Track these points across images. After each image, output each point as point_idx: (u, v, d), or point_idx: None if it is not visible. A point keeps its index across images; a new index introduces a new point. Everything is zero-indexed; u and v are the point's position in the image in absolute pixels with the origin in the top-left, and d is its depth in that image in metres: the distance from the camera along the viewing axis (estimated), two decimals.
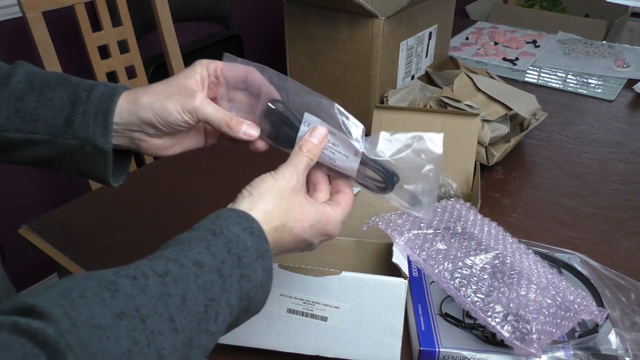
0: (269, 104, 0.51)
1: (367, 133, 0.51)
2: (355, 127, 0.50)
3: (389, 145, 0.50)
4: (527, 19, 2.14)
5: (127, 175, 0.57)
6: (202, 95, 0.51)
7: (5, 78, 0.52)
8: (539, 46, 1.60)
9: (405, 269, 0.57)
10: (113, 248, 0.81)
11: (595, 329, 0.62)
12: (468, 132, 0.91)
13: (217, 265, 0.40)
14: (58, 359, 0.29)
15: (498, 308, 0.56)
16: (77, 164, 0.53)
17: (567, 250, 0.77)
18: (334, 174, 0.52)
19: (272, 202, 0.46)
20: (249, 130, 0.51)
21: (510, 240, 0.69)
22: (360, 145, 0.50)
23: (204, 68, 0.52)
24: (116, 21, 1.24)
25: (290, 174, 0.47)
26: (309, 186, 0.51)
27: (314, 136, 0.49)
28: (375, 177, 0.51)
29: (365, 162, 0.50)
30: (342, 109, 0.50)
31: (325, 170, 0.52)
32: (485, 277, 0.60)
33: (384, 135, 0.50)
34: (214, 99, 0.53)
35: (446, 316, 0.63)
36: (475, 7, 2.38)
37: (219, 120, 0.51)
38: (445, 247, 0.63)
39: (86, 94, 0.52)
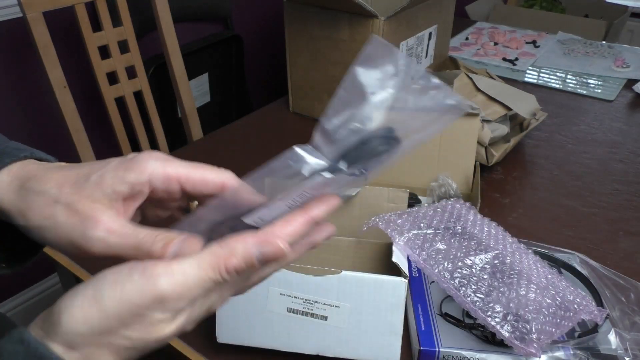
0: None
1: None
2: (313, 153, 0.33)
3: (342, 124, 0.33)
4: (527, 19, 2.14)
5: (33, 257, 0.42)
6: (104, 225, 0.33)
7: None
8: (538, 46, 1.60)
9: (405, 268, 0.57)
10: None
11: (594, 328, 0.62)
12: (468, 132, 0.91)
13: None
14: None
15: (498, 308, 0.56)
16: None
17: (566, 250, 0.77)
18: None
19: (91, 322, 0.30)
20: (184, 248, 0.33)
21: (510, 240, 0.69)
22: (312, 168, 0.32)
23: (142, 173, 0.35)
24: (116, 21, 1.24)
25: (160, 300, 0.30)
26: None
27: (245, 240, 0.32)
28: (373, 151, 0.33)
29: (340, 169, 0.33)
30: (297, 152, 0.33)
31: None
32: (485, 277, 0.60)
33: (326, 123, 0.33)
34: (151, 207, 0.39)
35: (446, 316, 0.63)
36: (475, 7, 2.38)
37: (133, 247, 0.33)
38: (445, 247, 0.63)
39: None
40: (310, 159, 0.33)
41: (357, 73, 0.33)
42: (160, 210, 0.41)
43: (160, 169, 0.35)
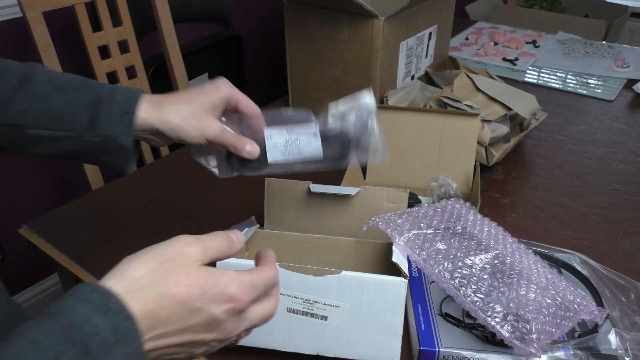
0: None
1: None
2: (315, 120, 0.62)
3: (336, 118, 0.62)
4: (527, 19, 2.15)
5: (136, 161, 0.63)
6: (221, 126, 0.58)
7: (27, 77, 0.56)
8: (538, 46, 1.60)
9: (405, 268, 0.57)
10: (113, 248, 0.82)
11: (595, 328, 0.62)
12: (468, 132, 0.91)
13: None
14: None
15: (498, 308, 0.56)
16: (98, 158, 0.59)
17: (567, 250, 0.77)
18: (302, 168, 0.62)
19: (144, 266, 0.38)
20: (252, 149, 0.60)
21: (510, 240, 0.69)
22: (315, 125, 0.61)
23: (223, 93, 0.59)
24: (116, 21, 1.24)
25: (188, 241, 0.41)
26: None
27: (237, 235, 0.45)
28: (337, 150, 0.62)
29: (324, 137, 0.61)
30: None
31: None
32: (485, 277, 0.60)
33: (331, 110, 0.62)
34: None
35: (446, 316, 0.63)
36: (475, 7, 2.38)
37: (229, 143, 0.59)
38: (445, 247, 0.63)
39: (109, 96, 0.57)
40: (314, 118, 0.62)
41: (356, 97, 0.62)
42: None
43: (230, 89, 0.59)
